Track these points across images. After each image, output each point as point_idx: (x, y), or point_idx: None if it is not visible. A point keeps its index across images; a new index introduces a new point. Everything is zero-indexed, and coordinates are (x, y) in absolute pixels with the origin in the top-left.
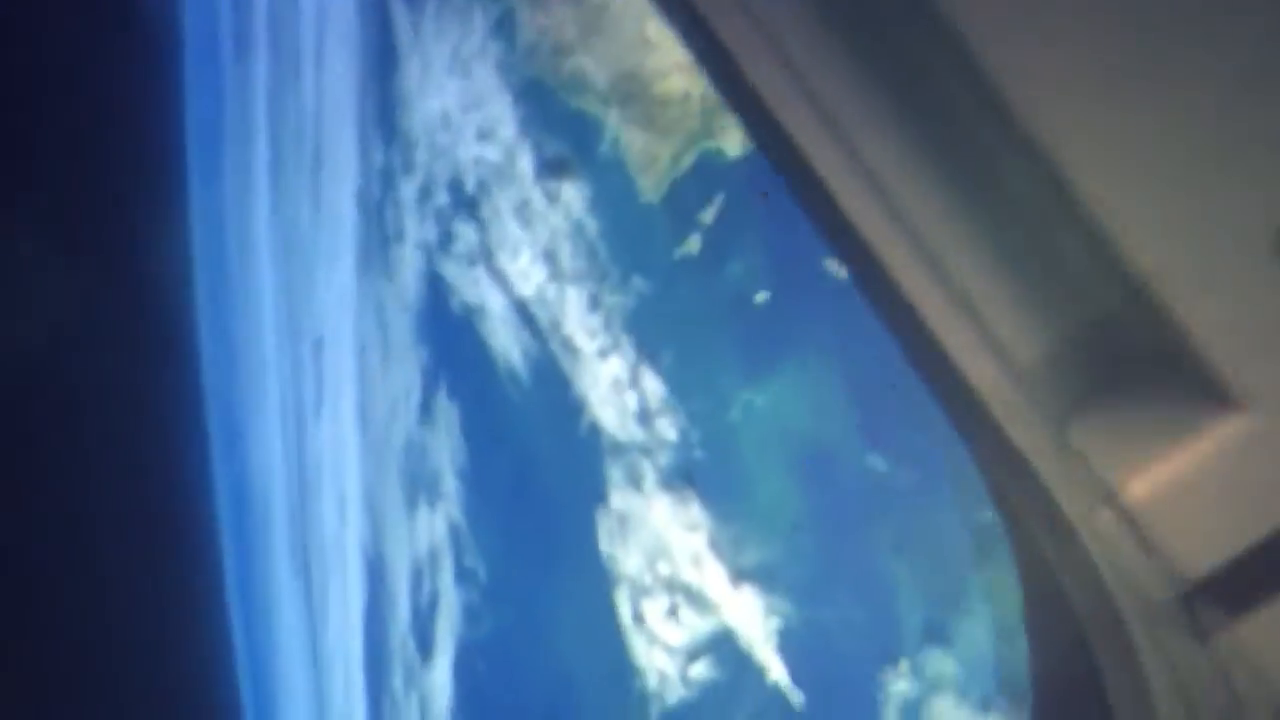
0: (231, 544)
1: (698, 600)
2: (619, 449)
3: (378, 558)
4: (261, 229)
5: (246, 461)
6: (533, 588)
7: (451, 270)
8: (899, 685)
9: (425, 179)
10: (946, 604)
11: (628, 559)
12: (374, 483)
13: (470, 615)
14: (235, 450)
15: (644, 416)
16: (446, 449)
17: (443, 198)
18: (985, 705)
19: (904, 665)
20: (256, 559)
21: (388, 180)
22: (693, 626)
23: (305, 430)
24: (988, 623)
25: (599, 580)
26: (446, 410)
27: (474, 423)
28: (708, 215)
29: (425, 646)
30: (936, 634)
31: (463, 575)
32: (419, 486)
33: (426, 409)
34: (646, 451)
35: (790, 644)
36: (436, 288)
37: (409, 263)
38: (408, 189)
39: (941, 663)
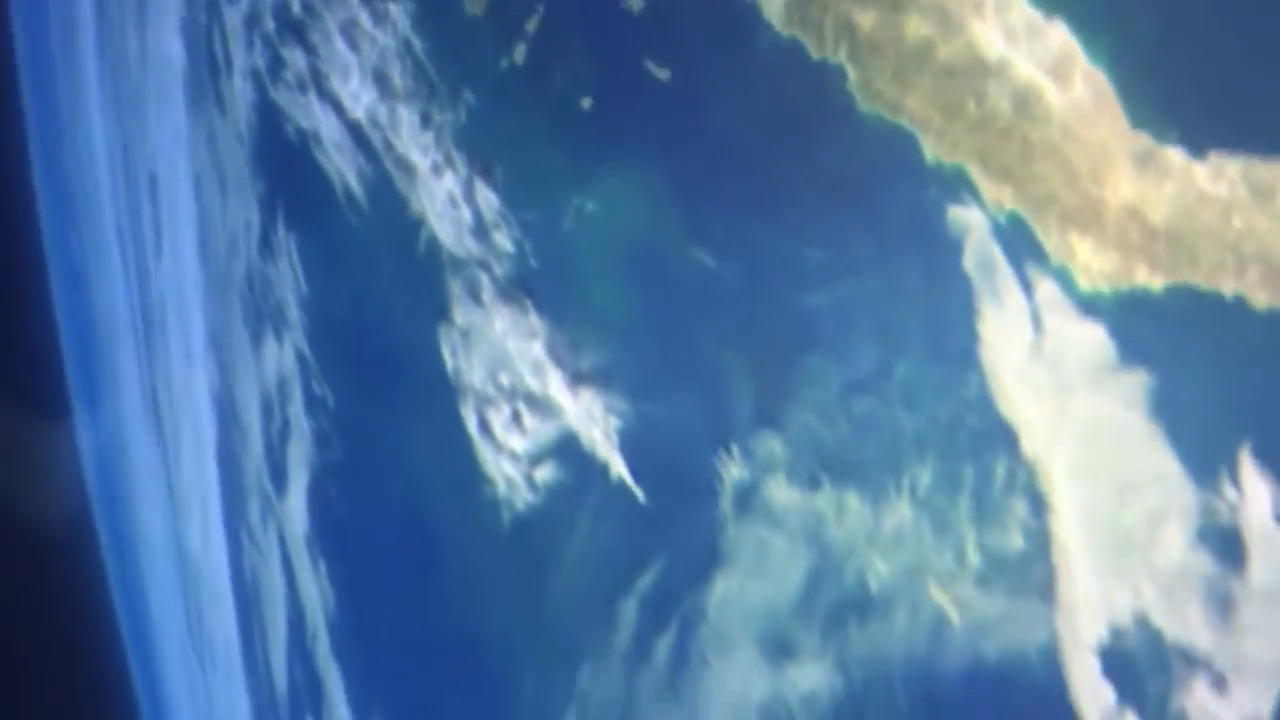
0: (79, 390)
1: (539, 406)
2: (457, 264)
3: (227, 393)
4: (90, 68)
5: (90, 307)
6: (380, 408)
7: (283, 98)
8: (733, 471)
9: (251, 4)
10: (773, 390)
11: (471, 372)
12: (219, 319)
13: (321, 441)
14: (78, 296)
15: (480, 230)
16: (288, 279)
17: (270, 23)
18: (813, 483)
19: (736, 451)
20: (105, 403)
21: (213, 8)
22: (536, 432)
23: (147, 271)
24: (812, 404)
25: (444, 395)
26: (286, 240)
27: (314, 250)
28: (531, 24)
29: (279, 477)
30: (766, 419)
31: (312, 403)
32: (264, 319)
33: (266, 241)
34: (484, 265)
35: (629, 441)
36: (269, 117)
37: (240, 92)
38: (233, 16)
39: (771, 445)
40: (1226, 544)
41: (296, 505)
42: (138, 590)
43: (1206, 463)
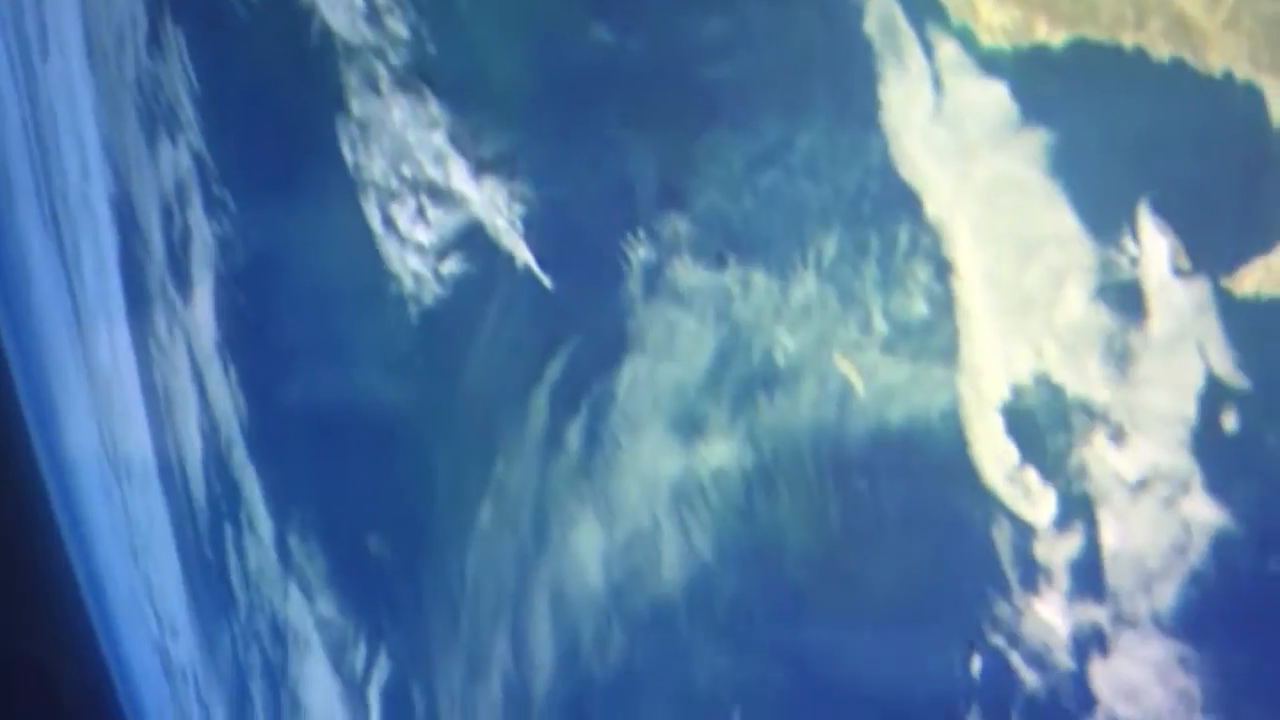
0: None
1: (443, 198)
2: (352, 53)
3: (125, 200)
4: None
5: None
6: (281, 208)
7: None
8: (639, 253)
9: None
10: (677, 168)
11: (372, 165)
12: (111, 122)
13: (224, 245)
14: None
15: (373, 16)
16: (179, 77)
17: None
18: (719, 261)
19: (641, 232)
20: (3, 222)
21: None
22: (440, 224)
23: (34, 74)
24: (716, 181)
25: (346, 190)
26: (175, 36)
27: (204, 46)
28: None
29: (183, 284)
30: (670, 198)
31: (211, 205)
32: (157, 120)
33: (155, 38)
34: (379, 53)
35: (535, 228)
36: None
37: None
38: None
39: (676, 224)
40: (1126, 298)
41: (203, 311)
42: (49, 411)
43: (1106, 219)
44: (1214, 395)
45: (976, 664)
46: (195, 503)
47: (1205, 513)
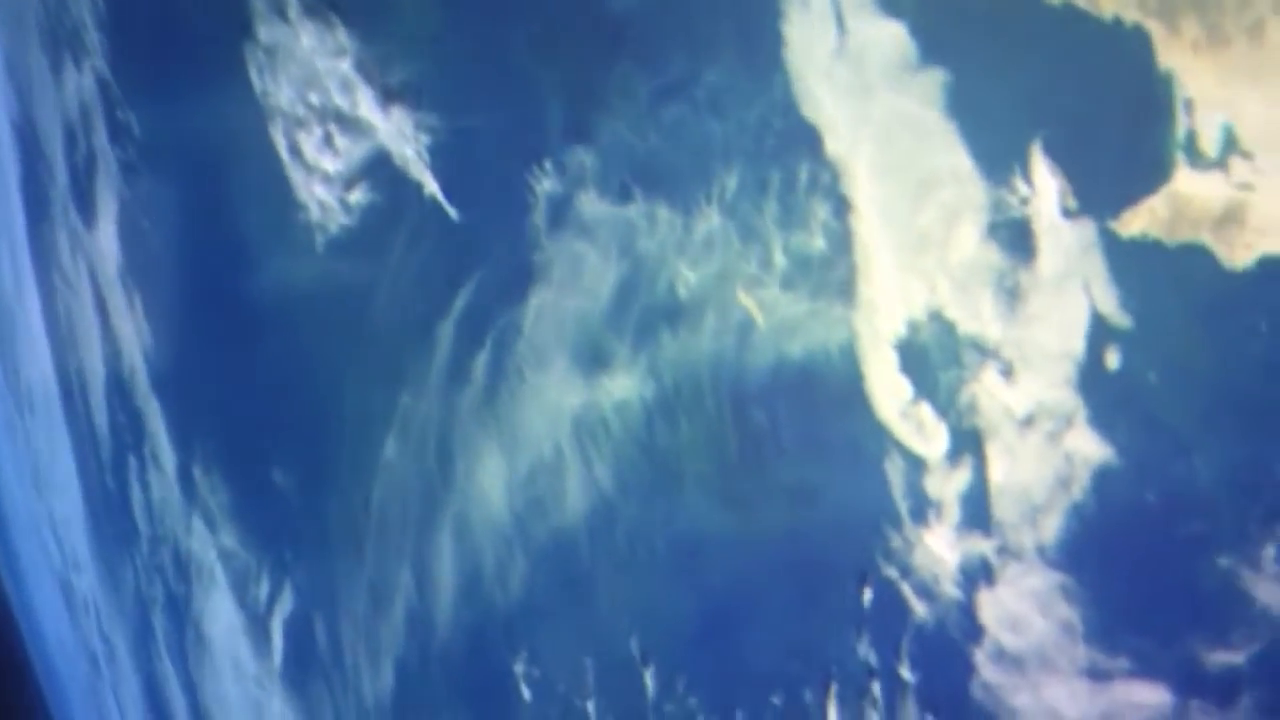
0: None
1: (350, 126)
2: None
3: (28, 124)
4: None
5: None
6: (187, 135)
7: None
8: (545, 185)
9: None
10: (584, 101)
11: (279, 93)
12: (13, 45)
13: (128, 170)
14: None
15: None
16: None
17: None
18: (624, 195)
19: (548, 165)
20: None
21: None
22: (348, 153)
23: None
24: (622, 115)
25: (253, 118)
26: None
27: None
28: None
29: (87, 211)
30: (576, 131)
31: (116, 131)
32: (61, 43)
33: None
34: None
35: (441, 158)
36: None
37: None
38: None
39: (583, 157)
40: (1017, 237)
41: (106, 238)
42: None
43: (999, 159)
44: (1098, 333)
45: (868, 594)
46: (98, 434)
47: (1088, 447)
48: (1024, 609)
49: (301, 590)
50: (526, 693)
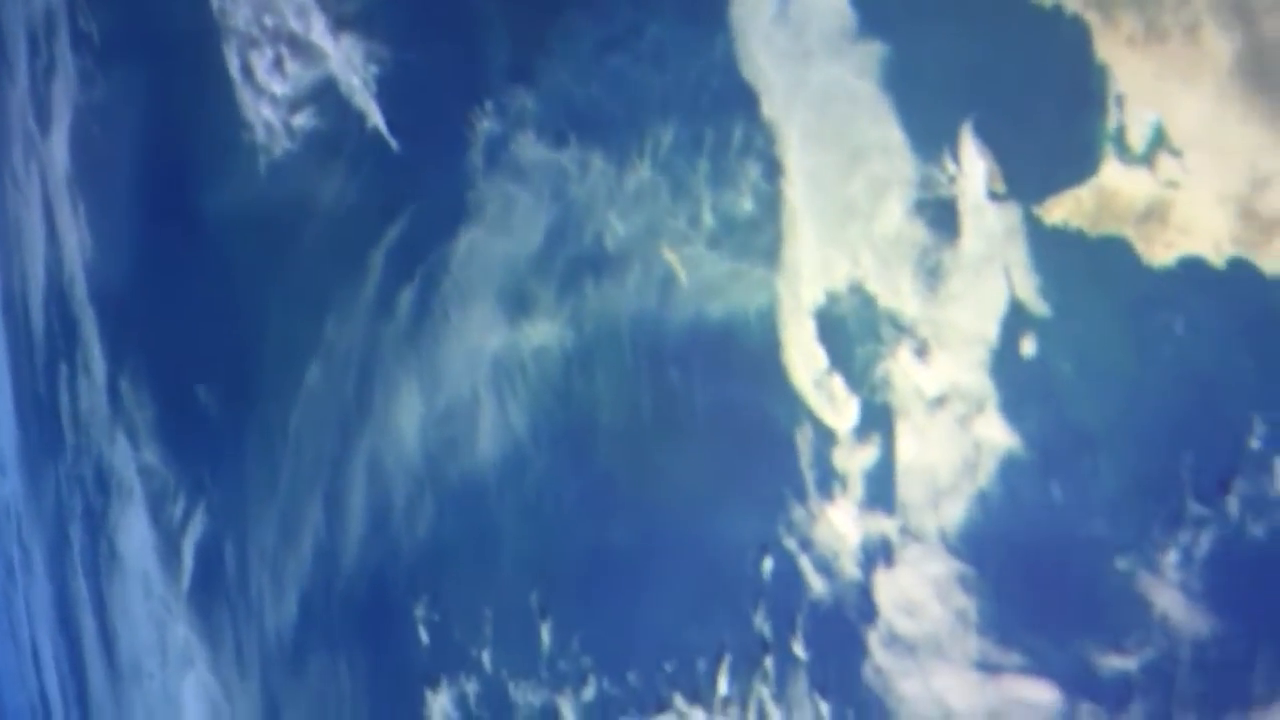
0: None
1: (301, 50)
2: None
3: None
4: None
5: None
6: (144, 48)
7: None
8: (485, 124)
9: None
10: (529, 43)
11: (236, 12)
12: None
13: (85, 78)
14: None
15: None
16: None
17: None
18: (560, 140)
19: (489, 105)
20: None
21: None
22: (297, 77)
23: None
24: (565, 61)
25: (208, 34)
26: None
27: None
28: None
29: (43, 117)
30: (520, 73)
31: (78, 39)
32: None
33: None
34: None
35: (387, 89)
36: None
37: None
38: None
39: (524, 99)
40: (942, 216)
41: (59, 145)
42: None
43: (931, 136)
44: (1015, 320)
45: (768, 565)
46: (34, 338)
47: (997, 435)
48: (921, 594)
49: (215, 513)
50: (425, 637)
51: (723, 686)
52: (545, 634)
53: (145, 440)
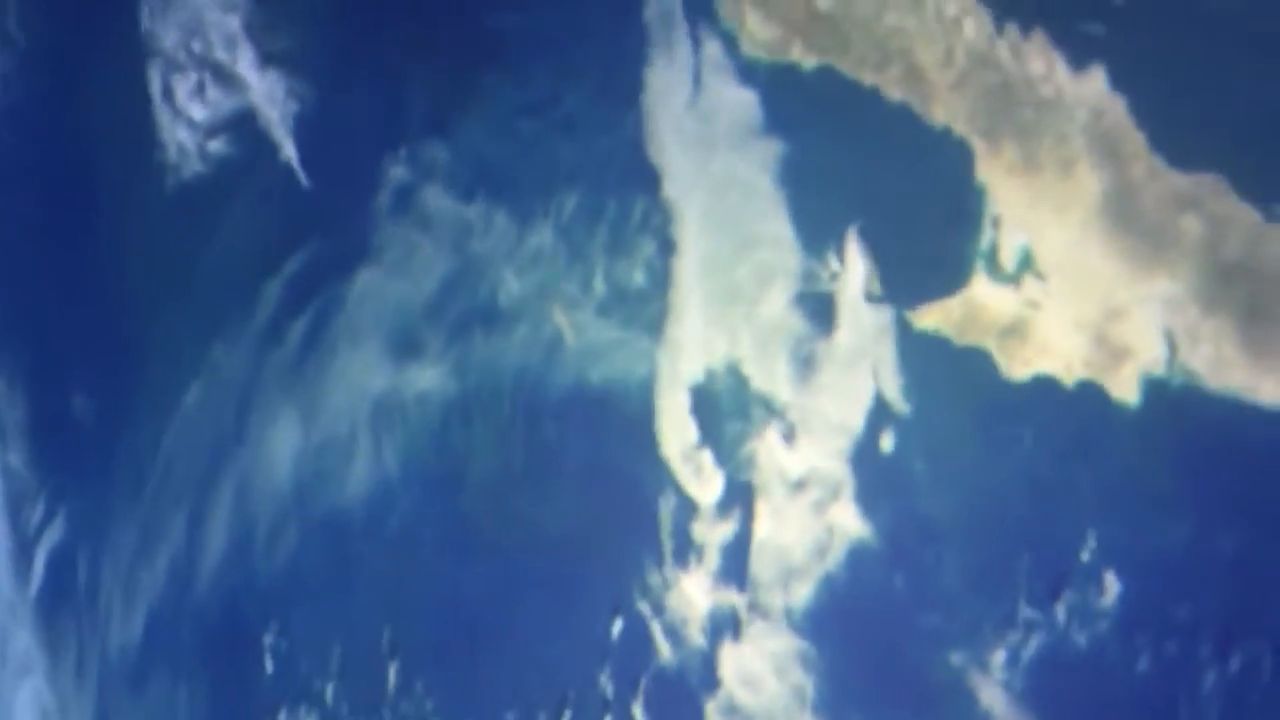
0: None
1: (225, 79)
2: None
3: None
4: None
5: None
6: (67, 58)
7: None
8: (397, 171)
9: None
10: (449, 100)
11: (165, 35)
12: None
13: (4, 81)
14: None
15: None
16: None
17: None
18: (468, 195)
19: (403, 153)
20: None
21: None
22: (217, 104)
23: None
24: (483, 119)
25: (133, 53)
26: None
27: None
28: None
29: None
30: (437, 127)
31: (4, 41)
32: None
33: None
34: None
35: (304, 127)
36: None
37: None
38: None
39: (437, 152)
40: (820, 309)
41: None
42: None
43: (818, 234)
44: (878, 415)
45: (618, 626)
46: None
47: (849, 522)
48: (761, 668)
49: (74, 522)
50: (270, 665)
51: None
52: (392, 674)
53: (11, 440)
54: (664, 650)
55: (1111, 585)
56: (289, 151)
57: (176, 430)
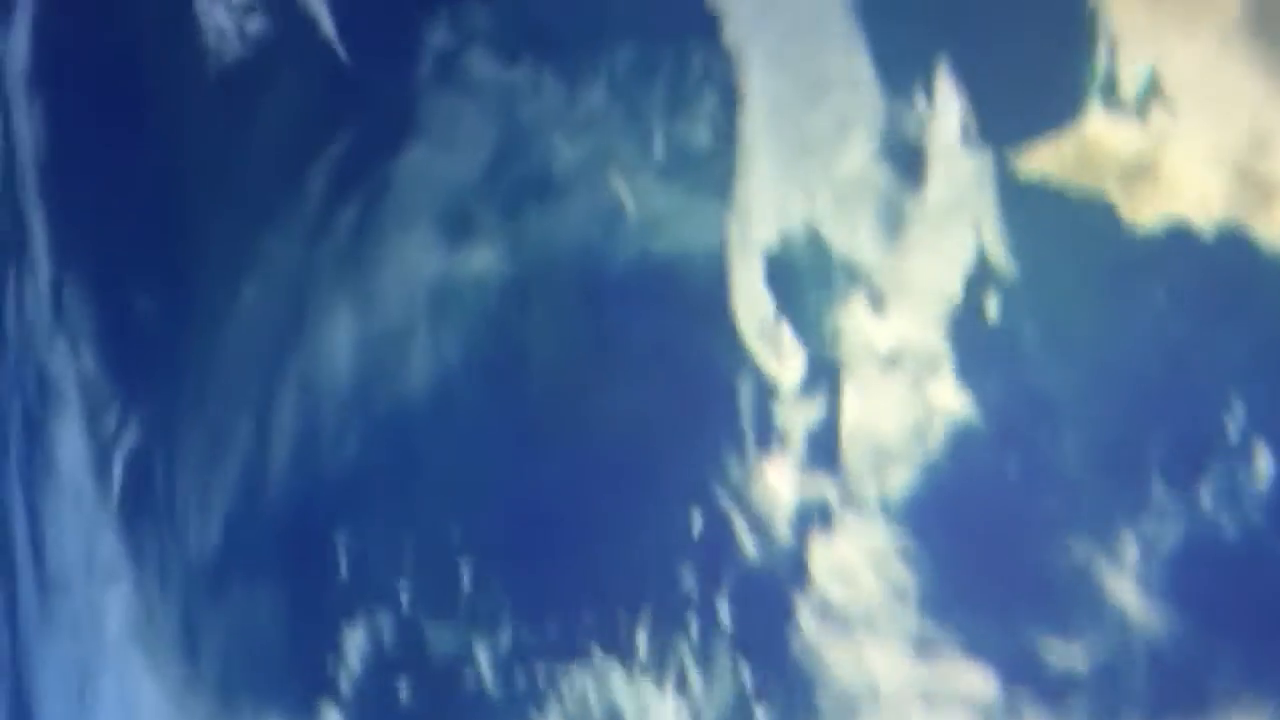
0: None
1: None
2: None
3: None
4: None
5: None
6: None
7: None
8: (436, 36)
9: None
10: None
11: None
12: None
13: None
14: None
15: None
16: None
17: None
18: (513, 57)
19: (443, 13)
20: None
21: None
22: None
23: None
24: None
25: None
26: None
27: None
28: None
29: (6, 8)
30: None
31: None
32: None
33: None
34: None
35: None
36: None
37: None
38: None
39: (477, 13)
40: (908, 159)
41: (19, 40)
42: None
43: (903, 72)
44: (980, 278)
45: (698, 518)
46: None
47: (951, 400)
48: (857, 563)
49: (147, 427)
50: (344, 567)
51: (642, 642)
52: (465, 573)
53: (85, 348)
54: (748, 544)
55: (1264, 463)
56: (327, 24)
57: (235, 328)
